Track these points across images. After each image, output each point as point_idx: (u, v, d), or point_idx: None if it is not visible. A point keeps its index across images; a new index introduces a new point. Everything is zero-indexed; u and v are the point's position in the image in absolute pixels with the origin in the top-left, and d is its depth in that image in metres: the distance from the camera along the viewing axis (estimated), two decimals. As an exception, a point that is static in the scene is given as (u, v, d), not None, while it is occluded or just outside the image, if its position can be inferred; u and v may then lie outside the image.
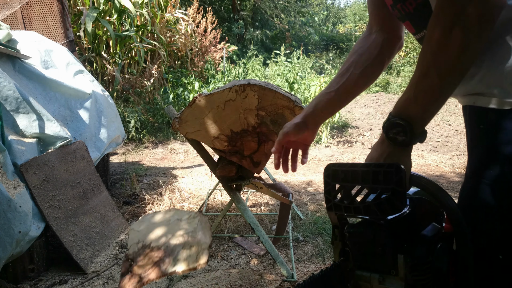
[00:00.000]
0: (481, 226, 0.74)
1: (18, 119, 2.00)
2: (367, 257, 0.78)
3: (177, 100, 6.24)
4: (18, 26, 3.12)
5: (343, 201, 0.77)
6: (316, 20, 14.27)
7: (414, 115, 0.69)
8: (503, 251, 0.70)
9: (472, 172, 0.75)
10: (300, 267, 1.96)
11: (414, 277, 0.73)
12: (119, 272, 1.94)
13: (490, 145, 0.71)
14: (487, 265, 0.73)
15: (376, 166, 0.72)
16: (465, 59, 0.65)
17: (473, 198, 0.75)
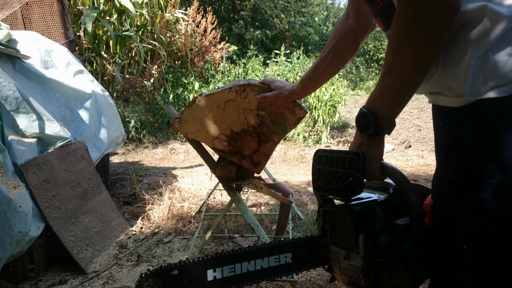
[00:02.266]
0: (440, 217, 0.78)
1: (18, 119, 2.00)
2: (338, 234, 0.87)
3: (177, 100, 6.24)
4: (18, 26, 3.12)
5: (323, 183, 0.86)
6: (316, 20, 14.27)
7: (379, 110, 0.76)
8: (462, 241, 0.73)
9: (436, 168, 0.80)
10: (300, 267, 1.96)
11: (374, 258, 0.80)
12: (119, 272, 1.94)
13: (444, 143, 0.76)
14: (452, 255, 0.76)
15: (346, 153, 0.82)
16: (423, 60, 0.68)
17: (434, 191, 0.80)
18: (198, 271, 0.90)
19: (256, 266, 0.94)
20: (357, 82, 10.86)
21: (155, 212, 2.66)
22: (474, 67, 0.67)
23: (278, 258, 0.95)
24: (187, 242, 2.31)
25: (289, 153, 4.79)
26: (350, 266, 0.84)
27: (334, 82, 6.31)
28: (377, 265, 0.81)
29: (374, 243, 0.81)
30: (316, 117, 5.61)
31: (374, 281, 0.82)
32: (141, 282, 0.86)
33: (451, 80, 0.71)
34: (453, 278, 0.76)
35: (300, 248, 0.96)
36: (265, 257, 0.94)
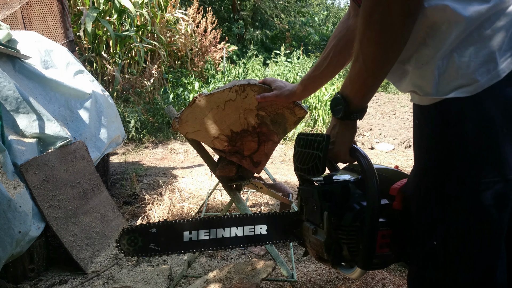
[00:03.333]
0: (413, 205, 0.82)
1: (18, 119, 2.00)
2: (310, 211, 0.92)
3: (177, 100, 6.24)
4: (18, 26, 3.12)
5: (299, 163, 0.93)
6: (316, 20, 14.26)
7: (349, 95, 0.80)
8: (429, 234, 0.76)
9: (414, 160, 0.83)
10: (300, 267, 1.96)
11: (337, 235, 0.85)
12: (119, 272, 1.94)
13: (417, 139, 0.79)
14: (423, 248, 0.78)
15: (316, 135, 0.88)
16: (385, 48, 0.70)
17: (409, 181, 0.84)
18: (175, 231, 0.96)
19: (231, 233, 0.99)
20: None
21: (155, 212, 2.66)
22: (440, 67, 0.69)
23: (253, 228, 1.00)
24: (187, 242, 2.31)
25: (289, 153, 4.79)
26: (317, 241, 0.89)
27: (334, 82, 6.31)
28: (340, 241, 0.86)
29: (338, 221, 0.85)
30: (316, 117, 5.61)
31: (337, 256, 0.87)
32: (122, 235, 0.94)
33: (421, 79, 0.73)
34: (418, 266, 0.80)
35: (275, 222, 1.01)
36: (240, 226, 0.99)
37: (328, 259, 0.88)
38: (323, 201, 0.87)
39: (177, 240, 0.98)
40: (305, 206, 0.96)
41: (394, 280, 1.67)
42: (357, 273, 0.85)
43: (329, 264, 0.90)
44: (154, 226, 0.96)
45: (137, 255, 0.97)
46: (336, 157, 0.89)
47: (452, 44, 0.67)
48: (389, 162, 4.29)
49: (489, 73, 0.66)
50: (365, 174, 0.82)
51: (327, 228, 0.85)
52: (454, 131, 0.70)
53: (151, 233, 0.96)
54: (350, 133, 0.86)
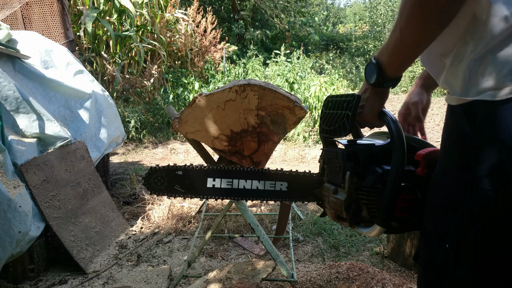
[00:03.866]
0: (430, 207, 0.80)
1: (18, 119, 2.00)
2: (332, 172, 0.94)
3: (177, 100, 6.23)
4: (18, 26, 3.12)
5: (325, 125, 0.94)
6: (316, 20, 14.24)
7: (384, 61, 0.79)
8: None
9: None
10: (300, 267, 1.96)
11: (358, 195, 0.87)
12: (119, 272, 1.94)
13: (443, 140, 0.78)
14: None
15: (346, 96, 0.88)
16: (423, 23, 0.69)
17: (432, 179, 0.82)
18: (200, 177, 1.01)
19: (252, 185, 1.02)
20: (357, 82, 10.85)
21: (155, 212, 2.66)
22: (473, 67, 0.66)
23: (274, 184, 1.03)
24: (187, 242, 2.31)
25: (289, 153, 4.79)
26: (336, 200, 0.90)
27: (334, 82, 6.31)
28: (360, 202, 0.87)
29: (360, 181, 0.86)
30: (316, 117, 5.61)
31: (356, 216, 0.88)
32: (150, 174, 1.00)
33: (453, 78, 0.71)
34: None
35: (297, 181, 1.03)
36: (261, 180, 1.02)
37: (346, 217, 0.89)
38: (346, 161, 0.88)
39: (201, 185, 1.03)
40: (327, 167, 0.97)
41: (394, 280, 1.67)
42: (376, 231, 0.86)
43: (346, 223, 0.92)
44: (180, 169, 1.03)
45: (163, 194, 1.02)
46: (364, 120, 0.89)
47: (490, 45, 0.64)
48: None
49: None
50: (393, 137, 0.82)
51: (348, 188, 0.87)
52: (477, 136, 0.67)
53: (177, 175, 1.02)
54: (380, 99, 0.86)
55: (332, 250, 2.18)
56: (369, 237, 2.32)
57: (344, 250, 2.17)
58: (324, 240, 2.29)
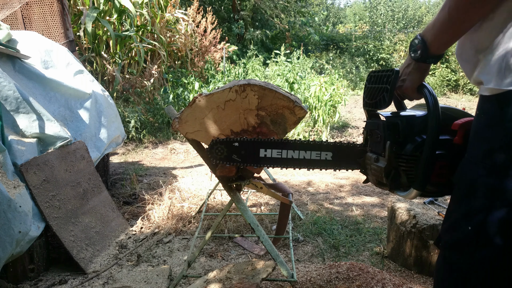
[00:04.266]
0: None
1: (18, 119, 2.00)
2: (374, 142, 1.02)
3: (177, 100, 6.23)
4: (18, 26, 3.12)
5: (368, 99, 1.01)
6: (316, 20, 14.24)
7: (429, 38, 0.84)
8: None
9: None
10: (300, 267, 1.96)
11: (397, 162, 0.94)
12: (119, 272, 1.94)
13: (473, 129, 0.81)
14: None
15: (386, 71, 0.95)
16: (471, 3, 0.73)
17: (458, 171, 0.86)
18: (253, 147, 1.13)
19: (299, 155, 1.11)
20: (357, 82, 10.86)
21: (155, 212, 2.66)
22: (508, 60, 0.71)
23: (319, 154, 1.12)
24: (187, 242, 2.31)
25: (289, 153, 4.78)
26: (377, 167, 0.98)
27: (334, 82, 6.31)
28: (400, 169, 0.94)
29: (400, 150, 0.93)
30: (316, 117, 5.61)
31: (395, 181, 0.96)
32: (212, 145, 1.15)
33: (489, 69, 0.75)
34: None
35: (341, 151, 1.11)
36: (308, 150, 1.11)
37: (386, 183, 0.97)
38: (387, 131, 0.95)
39: (254, 155, 1.14)
40: (370, 138, 1.04)
41: (394, 280, 1.67)
42: (413, 194, 0.93)
43: (387, 187, 1.00)
44: (237, 141, 1.15)
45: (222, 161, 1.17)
46: (404, 93, 0.96)
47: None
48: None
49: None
50: (429, 108, 0.87)
51: (389, 156, 0.94)
52: (508, 124, 0.71)
53: (234, 146, 1.15)
54: (421, 74, 0.91)
55: (332, 250, 2.18)
56: (369, 237, 2.32)
57: (344, 250, 2.17)
58: (324, 240, 2.29)
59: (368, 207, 2.86)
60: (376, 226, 2.48)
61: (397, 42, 12.66)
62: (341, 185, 3.45)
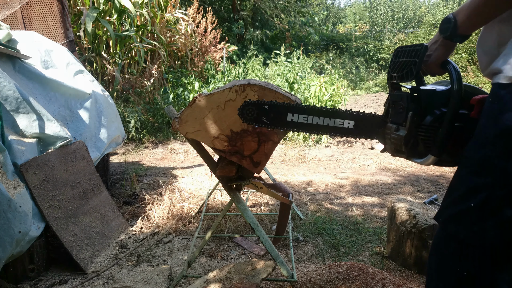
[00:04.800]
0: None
1: (18, 119, 2.00)
2: (396, 113, 1.08)
3: (177, 100, 6.23)
4: (18, 26, 3.12)
5: (394, 72, 1.07)
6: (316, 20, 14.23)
7: (461, 18, 0.89)
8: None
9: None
10: (300, 267, 1.96)
11: (417, 132, 1.00)
12: (119, 272, 1.94)
13: (485, 114, 0.86)
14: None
15: (415, 46, 1.00)
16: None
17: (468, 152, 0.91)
18: (282, 111, 1.19)
19: (324, 122, 1.17)
20: (357, 82, 10.86)
21: (155, 212, 2.66)
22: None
23: (342, 122, 1.17)
24: (187, 242, 2.31)
25: (289, 153, 4.79)
26: (397, 136, 1.05)
27: (334, 82, 6.31)
28: (418, 138, 1.01)
29: (420, 120, 1.00)
30: (316, 117, 5.60)
31: (413, 149, 1.03)
32: (244, 107, 1.20)
33: (508, 59, 0.80)
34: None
35: (363, 120, 1.17)
36: (332, 118, 1.17)
37: (405, 151, 1.04)
38: (410, 103, 1.01)
39: (282, 118, 1.19)
40: (392, 109, 1.11)
41: (394, 280, 1.67)
42: (430, 160, 1.00)
43: (404, 155, 1.07)
44: (266, 104, 1.19)
45: (252, 123, 1.22)
46: (429, 68, 1.02)
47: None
48: (389, 162, 4.29)
49: None
50: (453, 82, 0.93)
51: (409, 125, 1.00)
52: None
53: (263, 109, 1.19)
54: (447, 51, 0.97)
55: (332, 250, 2.18)
56: (369, 237, 2.32)
57: (344, 250, 2.17)
58: (324, 240, 2.29)
59: (368, 207, 2.86)
60: (376, 226, 2.48)
61: (397, 42, 12.65)
62: (341, 185, 3.45)
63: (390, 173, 3.90)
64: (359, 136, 1.20)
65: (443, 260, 0.91)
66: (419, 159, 1.05)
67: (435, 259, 0.94)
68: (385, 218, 2.63)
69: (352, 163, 4.40)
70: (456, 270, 0.86)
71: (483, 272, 0.83)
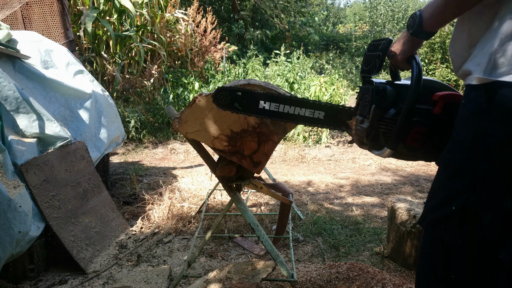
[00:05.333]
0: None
1: (18, 119, 2.00)
2: (362, 105, 1.10)
3: (177, 100, 6.23)
4: (18, 26, 3.12)
5: (364, 65, 1.09)
6: (316, 20, 14.23)
7: (425, 15, 0.91)
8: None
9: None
10: (300, 267, 1.96)
11: (378, 125, 1.02)
12: (119, 272, 1.94)
13: (459, 117, 0.87)
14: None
15: (381, 40, 1.03)
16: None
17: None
18: (254, 98, 1.20)
19: (295, 111, 1.19)
20: (357, 82, 10.86)
21: (155, 212, 2.66)
22: (498, 52, 0.77)
23: (313, 112, 1.19)
24: (187, 242, 2.31)
25: (289, 153, 4.79)
26: (361, 128, 1.07)
27: (334, 82, 6.31)
28: (380, 131, 1.02)
29: (383, 113, 1.01)
30: (316, 117, 5.60)
31: (374, 141, 1.05)
32: (217, 92, 1.22)
33: (479, 61, 0.81)
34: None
35: (333, 112, 1.19)
36: (303, 107, 1.19)
37: (366, 142, 1.07)
38: (374, 96, 1.02)
39: (254, 106, 1.20)
40: (360, 102, 1.12)
41: (394, 280, 1.67)
42: (386, 152, 1.02)
43: (367, 147, 1.10)
44: (240, 90, 1.21)
45: (225, 108, 1.24)
46: (396, 62, 1.04)
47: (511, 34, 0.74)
48: (389, 162, 4.29)
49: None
50: (412, 77, 0.95)
51: (371, 118, 1.02)
52: (495, 111, 0.76)
53: (237, 95, 1.21)
54: (413, 47, 0.98)
55: (332, 250, 2.18)
56: (369, 237, 2.32)
57: (344, 250, 2.17)
58: (324, 240, 2.29)
59: (368, 207, 2.86)
60: (376, 226, 2.48)
61: (397, 42, 12.64)
62: (341, 185, 3.45)
63: (390, 173, 3.90)
64: (328, 126, 1.22)
65: (430, 264, 0.91)
66: (377, 151, 1.07)
67: (421, 263, 0.94)
68: (385, 218, 2.63)
69: (352, 163, 4.40)
70: (443, 273, 0.86)
71: (470, 275, 0.83)
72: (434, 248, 0.89)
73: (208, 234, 1.68)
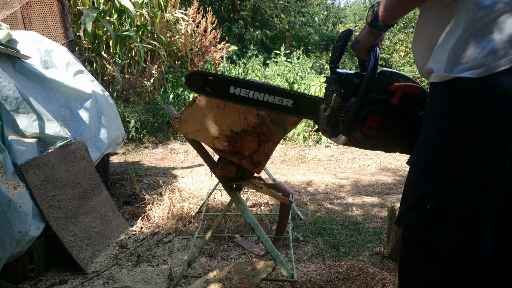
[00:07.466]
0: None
1: (18, 119, 2.00)
2: (327, 95, 1.14)
3: (177, 100, 6.23)
4: (18, 26, 3.12)
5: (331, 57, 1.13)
6: (316, 20, 14.22)
7: (380, 8, 0.93)
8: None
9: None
10: (300, 267, 1.96)
11: (338, 113, 1.06)
12: (119, 272, 1.94)
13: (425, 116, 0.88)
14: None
15: (344, 31, 1.09)
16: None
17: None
18: (225, 83, 1.23)
19: (264, 98, 1.22)
20: (357, 82, 10.84)
21: (155, 212, 2.66)
22: (457, 49, 0.78)
23: (282, 100, 1.21)
24: (187, 242, 2.31)
25: (289, 153, 4.79)
26: (324, 116, 1.10)
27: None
28: (339, 118, 1.06)
29: (343, 102, 1.04)
30: (316, 117, 5.61)
31: (334, 129, 1.09)
32: (190, 75, 1.25)
33: (440, 58, 0.82)
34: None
35: (301, 100, 1.21)
36: (272, 95, 1.22)
37: (327, 130, 1.11)
38: (336, 85, 1.06)
39: (225, 91, 1.23)
40: (326, 91, 1.15)
41: (394, 280, 1.67)
42: (341, 139, 1.05)
43: (327, 134, 1.13)
44: (211, 75, 1.24)
45: (197, 91, 1.27)
46: (357, 53, 1.06)
47: (470, 29, 0.76)
48: (389, 162, 4.29)
49: (498, 61, 0.73)
50: (368, 67, 0.97)
51: (332, 106, 1.05)
52: (458, 108, 0.78)
53: (208, 80, 1.23)
54: (373, 38, 1.00)
55: (332, 250, 2.18)
56: (369, 237, 2.32)
57: (344, 250, 2.17)
58: (324, 240, 2.29)
59: (368, 207, 2.86)
60: (376, 226, 2.48)
61: (397, 42, 12.64)
62: (341, 185, 3.45)
63: (390, 173, 3.90)
64: (296, 114, 1.24)
65: (411, 264, 0.91)
66: (334, 139, 1.09)
67: (402, 264, 0.94)
68: (385, 218, 2.63)
69: (352, 163, 4.40)
70: (424, 272, 0.86)
71: (451, 272, 0.84)
72: (413, 248, 0.90)
73: (208, 234, 1.68)
